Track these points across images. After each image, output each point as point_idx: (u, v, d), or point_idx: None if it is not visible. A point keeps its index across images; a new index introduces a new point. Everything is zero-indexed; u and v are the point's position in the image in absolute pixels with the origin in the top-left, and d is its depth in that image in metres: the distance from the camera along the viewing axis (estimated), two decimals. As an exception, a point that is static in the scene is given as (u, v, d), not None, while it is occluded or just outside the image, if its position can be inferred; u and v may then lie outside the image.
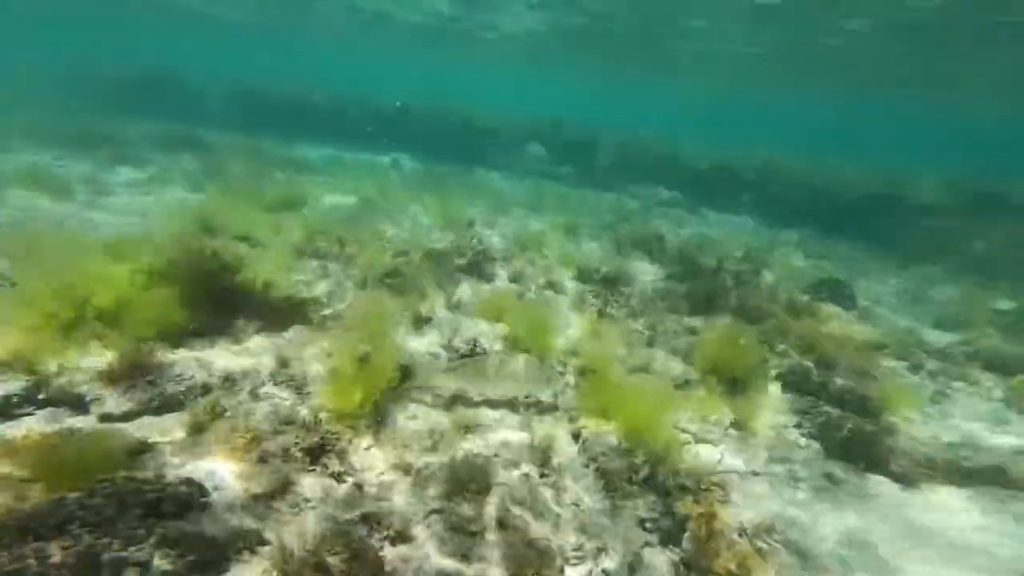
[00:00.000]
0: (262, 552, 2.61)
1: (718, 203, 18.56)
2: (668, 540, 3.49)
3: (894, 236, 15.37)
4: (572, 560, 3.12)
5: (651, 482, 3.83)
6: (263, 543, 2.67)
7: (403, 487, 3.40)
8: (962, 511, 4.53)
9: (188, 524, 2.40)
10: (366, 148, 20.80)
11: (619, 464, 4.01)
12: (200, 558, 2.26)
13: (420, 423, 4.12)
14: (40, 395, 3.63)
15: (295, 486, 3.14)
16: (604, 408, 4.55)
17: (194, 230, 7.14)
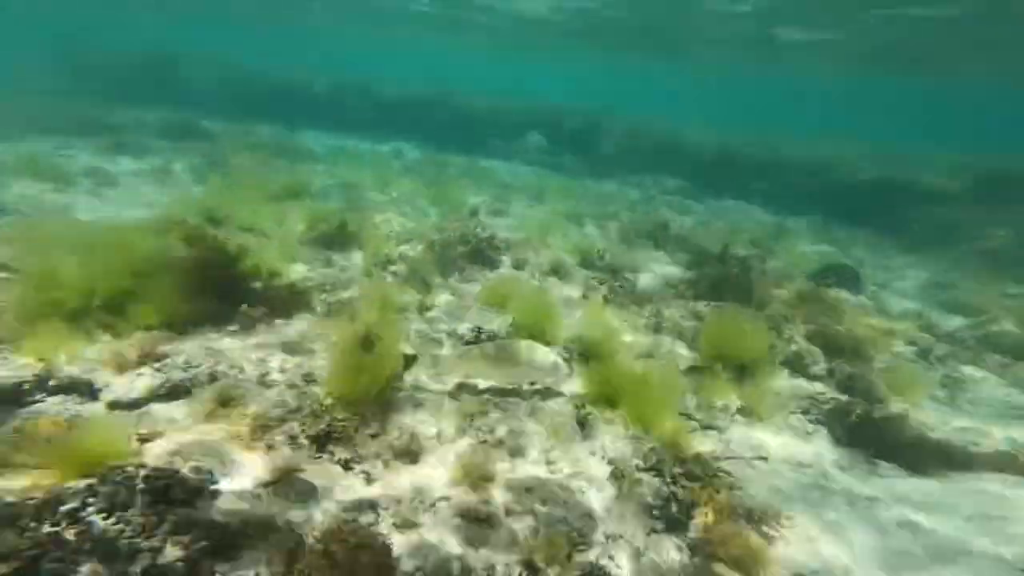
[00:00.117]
0: (271, 539, 2.63)
1: (724, 191, 18.36)
2: (675, 527, 3.49)
3: (904, 221, 15.18)
4: (580, 547, 3.13)
5: (658, 468, 3.83)
6: (272, 530, 2.68)
7: (410, 475, 3.41)
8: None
9: (198, 511, 2.42)
10: (368, 136, 20.67)
11: (626, 450, 4.02)
12: (211, 545, 2.27)
13: (425, 411, 4.13)
14: (51, 382, 3.65)
15: (303, 473, 3.15)
16: (610, 395, 4.55)
17: (198, 220, 7.12)
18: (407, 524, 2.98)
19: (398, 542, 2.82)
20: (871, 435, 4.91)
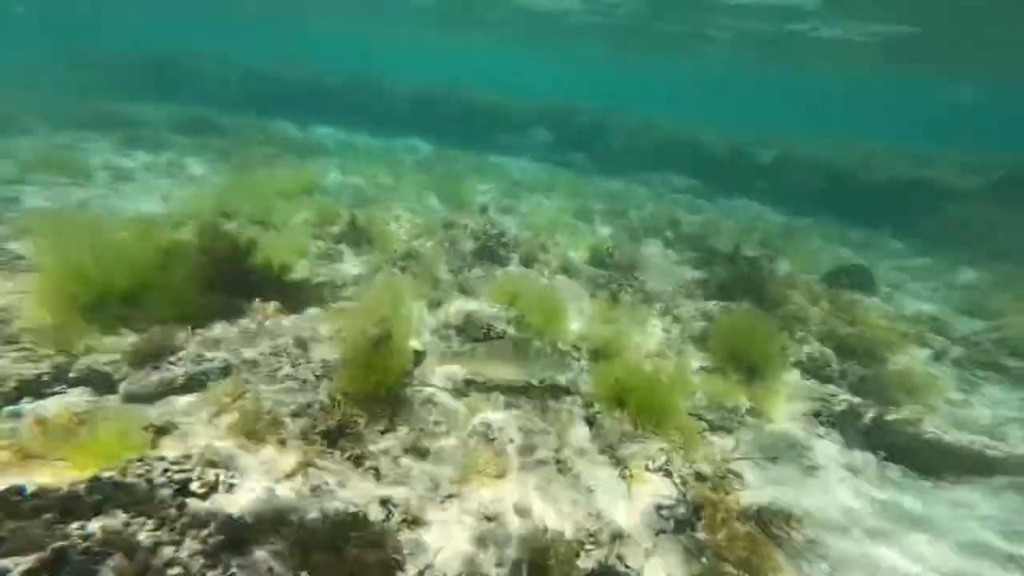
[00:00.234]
0: (283, 534, 2.66)
1: (734, 190, 18.17)
2: (683, 527, 3.49)
3: (917, 222, 14.94)
4: (588, 546, 3.14)
5: (666, 468, 3.82)
6: (284, 525, 2.72)
7: (419, 472, 3.43)
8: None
9: (214, 505, 2.46)
10: (380, 132, 20.71)
11: (634, 450, 4.01)
12: (228, 539, 2.31)
13: (435, 407, 4.15)
14: (69, 374, 3.73)
15: (314, 468, 3.19)
16: (619, 394, 4.54)
17: (211, 214, 7.20)
18: (416, 521, 3.01)
19: (407, 539, 2.85)
20: (884, 438, 4.86)
